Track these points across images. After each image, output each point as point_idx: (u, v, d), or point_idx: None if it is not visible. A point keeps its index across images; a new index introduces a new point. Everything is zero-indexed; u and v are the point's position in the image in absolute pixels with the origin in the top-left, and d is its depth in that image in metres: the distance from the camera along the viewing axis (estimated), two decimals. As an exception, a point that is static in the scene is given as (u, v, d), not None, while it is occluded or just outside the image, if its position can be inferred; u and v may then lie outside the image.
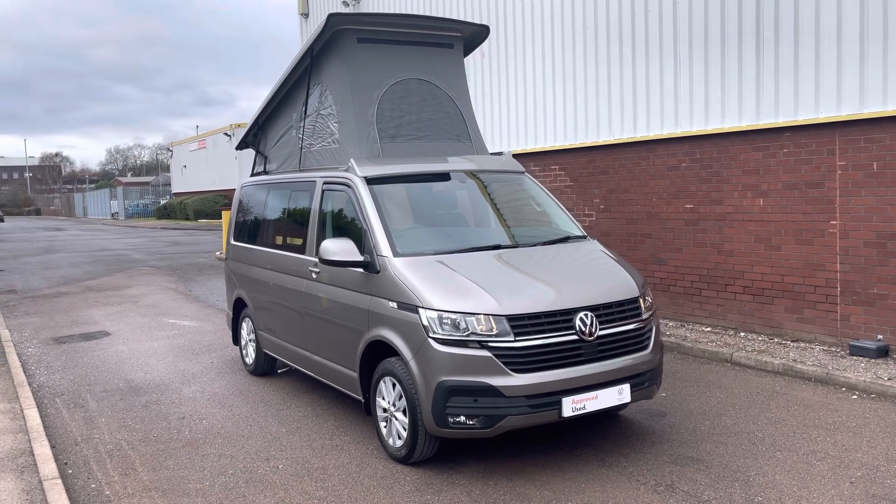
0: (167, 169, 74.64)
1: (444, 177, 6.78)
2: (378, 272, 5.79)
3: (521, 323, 5.24)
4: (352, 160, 6.53)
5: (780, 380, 7.62)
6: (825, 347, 8.39)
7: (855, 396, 7.01)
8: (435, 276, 5.54)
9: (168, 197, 64.53)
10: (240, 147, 9.10)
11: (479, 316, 5.22)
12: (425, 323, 5.29)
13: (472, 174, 6.89)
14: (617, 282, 5.85)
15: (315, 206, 6.91)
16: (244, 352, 8.68)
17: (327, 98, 7.23)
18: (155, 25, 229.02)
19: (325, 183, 6.84)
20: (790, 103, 8.59)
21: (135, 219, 63.62)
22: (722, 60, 9.26)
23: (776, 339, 8.86)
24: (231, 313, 8.93)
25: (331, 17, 6.75)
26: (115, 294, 16.00)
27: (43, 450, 5.93)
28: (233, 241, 8.82)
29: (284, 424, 6.77)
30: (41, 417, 7.07)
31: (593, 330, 5.39)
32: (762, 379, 7.69)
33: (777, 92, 8.71)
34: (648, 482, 5.23)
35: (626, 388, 5.53)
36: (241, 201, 8.80)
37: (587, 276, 5.94)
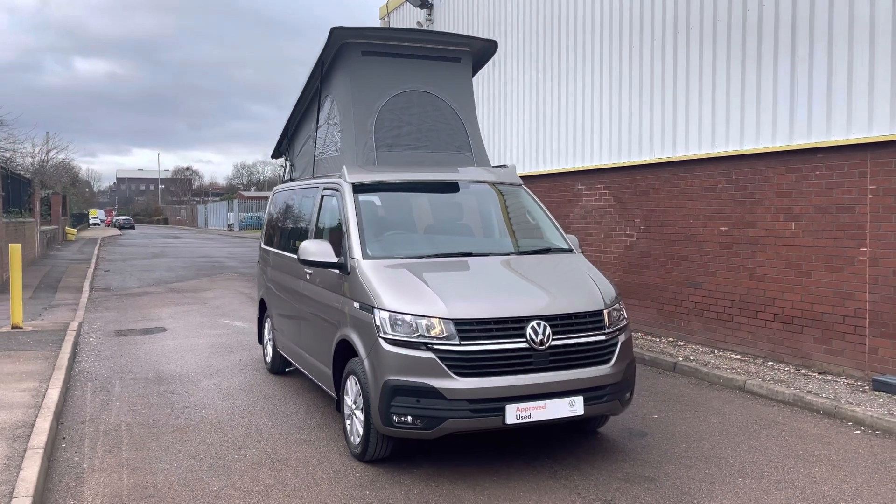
0: (283, 184, 77.81)
1: (432, 186, 6.92)
2: (349, 273, 6.00)
3: (468, 327, 5.29)
4: (344, 167, 6.78)
5: (787, 410, 7.27)
6: (850, 381, 7.92)
7: (858, 432, 6.60)
8: (394, 279, 5.68)
9: (280, 210, 67.26)
10: (274, 156, 9.57)
11: (430, 319, 5.31)
12: (378, 323, 5.44)
13: (462, 184, 7.00)
14: (580, 294, 5.80)
15: (315, 210, 7.21)
16: (265, 350, 9.08)
17: (334, 108, 7.54)
18: (291, 48, 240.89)
19: (324, 189, 7.13)
20: (822, 123, 8.23)
21: (247, 230, 66.77)
22: (758, 79, 8.98)
23: (804, 371, 8.43)
24: (258, 314, 9.36)
25: (333, 30, 7.07)
26: (191, 295, 16.94)
27: (43, 424, 6.43)
28: (262, 245, 9.27)
29: (273, 418, 7.06)
30: (64, 397, 7.67)
31: (544, 339, 5.37)
32: (769, 408, 7.35)
33: (810, 112, 8.36)
34: (588, 496, 5.15)
35: (578, 400, 5.45)
36: (269, 208, 9.24)
37: (551, 286, 5.91)
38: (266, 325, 9.00)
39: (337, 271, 6.21)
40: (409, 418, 5.31)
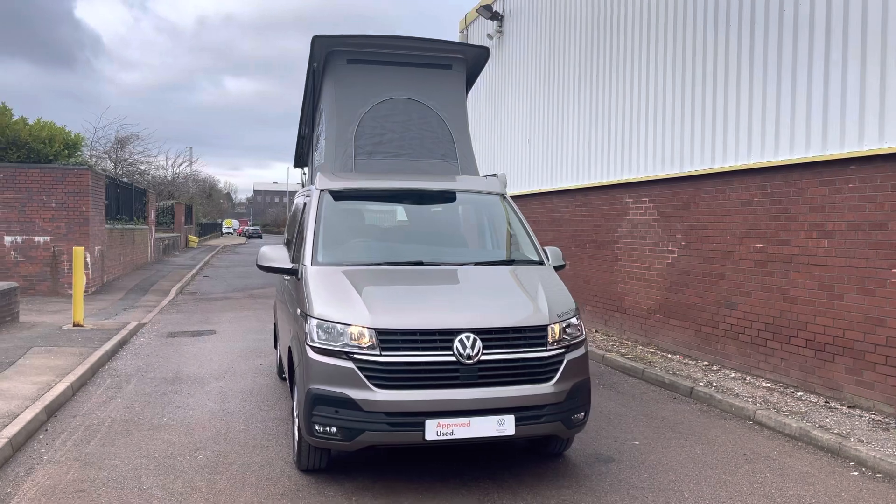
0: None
1: (405, 194, 6.76)
2: (299, 280, 5.97)
3: (391, 338, 5.12)
4: (318, 173, 6.78)
5: (788, 445, 6.59)
6: (878, 417, 7.10)
7: (856, 473, 5.89)
8: (330, 286, 5.59)
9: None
10: (296, 165, 9.72)
11: (354, 327, 5.18)
12: (307, 330, 5.37)
13: (436, 193, 6.81)
14: (523, 307, 5.49)
15: (298, 216, 7.25)
16: (277, 356, 9.20)
17: (322, 116, 7.57)
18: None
19: (305, 196, 7.16)
20: (855, 131, 7.48)
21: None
22: (793, 85, 8.29)
23: (832, 404, 7.64)
24: (274, 319, 9.52)
25: (315, 39, 7.09)
26: (262, 301, 17.48)
27: (27, 416, 6.77)
28: (280, 252, 9.43)
29: (249, 422, 7.11)
30: (73, 391, 8.07)
31: (472, 353, 5.11)
32: (769, 441, 6.70)
33: (843, 119, 7.62)
34: (503, 522, 4.86)
35: (509, 419, 5.15)
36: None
37: (492, 298, 5.62)
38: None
39: (294, 277, 6.20)
40: (333, 429, 5.18)
